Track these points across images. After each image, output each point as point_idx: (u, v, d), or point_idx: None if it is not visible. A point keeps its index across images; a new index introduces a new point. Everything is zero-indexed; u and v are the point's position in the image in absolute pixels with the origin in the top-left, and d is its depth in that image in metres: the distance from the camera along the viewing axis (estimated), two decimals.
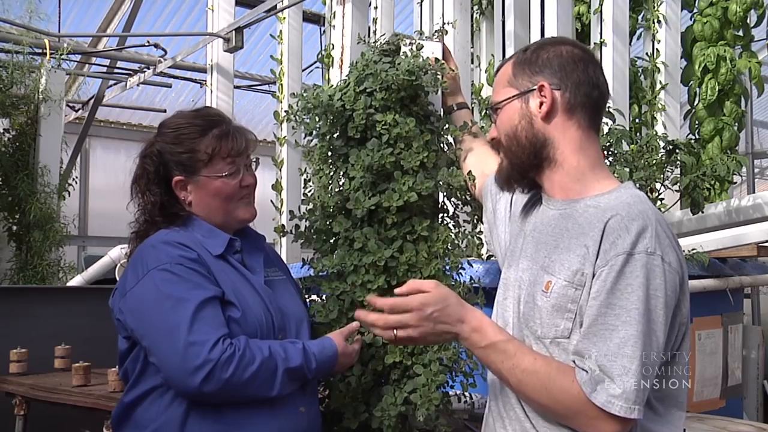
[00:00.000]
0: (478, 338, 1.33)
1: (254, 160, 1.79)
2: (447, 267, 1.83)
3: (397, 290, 1.35)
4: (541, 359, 1.30)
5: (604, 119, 2.87)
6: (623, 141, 2.68)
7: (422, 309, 1.31)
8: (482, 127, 2.04)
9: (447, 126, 1.91)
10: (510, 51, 3.57)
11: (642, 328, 1.21)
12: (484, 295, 1.89)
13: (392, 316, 1.32)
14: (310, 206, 1.91)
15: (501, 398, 1.41)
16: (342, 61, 3.66)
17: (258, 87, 7.50)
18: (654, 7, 4.03)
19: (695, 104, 4.07)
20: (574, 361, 1.26)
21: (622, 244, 1.25)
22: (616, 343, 1.21)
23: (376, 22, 3.81)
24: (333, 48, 3.78)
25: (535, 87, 1.41)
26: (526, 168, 1.45)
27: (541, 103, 1.40)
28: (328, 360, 1.66)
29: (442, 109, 1.96)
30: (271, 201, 3.98)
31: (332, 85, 1.98)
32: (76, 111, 7.03)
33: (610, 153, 2.66)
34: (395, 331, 1.32)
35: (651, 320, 1.22)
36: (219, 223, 1.72)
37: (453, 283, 1.83)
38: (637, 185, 2.67)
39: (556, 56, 1.42)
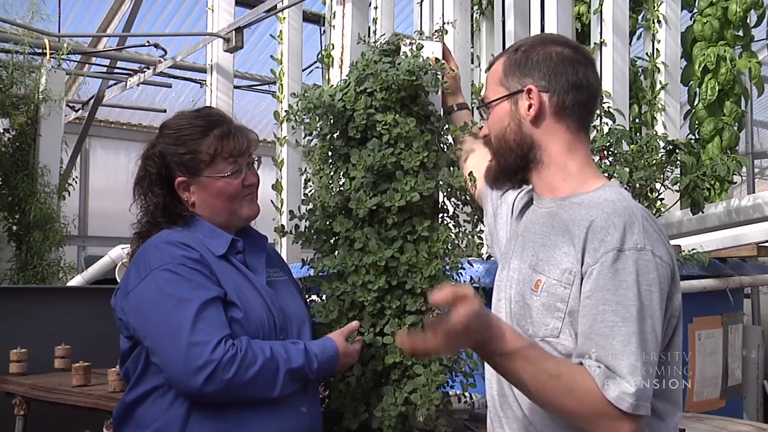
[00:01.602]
0: (500, 346, 1.23)
1: (256, 159, 1.79)
2: (447, 267, 1.83)
3: (437, 297, 1.19)
4: (564, 363, 1.26)
5: (605, 119, 2.89)
6: (623, 141, 2.68)
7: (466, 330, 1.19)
8: (482, 127, 2.04)
9: (447, 126, 1.91)
10: None
11: (641, 325, 1.21)
12: (485, 295, 1.89)
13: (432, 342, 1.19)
14: (311, 206, 1.91)
15: (498, 398, 1.41)
16: (342, 61, 3.66)
17: (258, 87, 7.49)
18: (654, 7, 4.03)
19: (695, 104, 4.07)
20: (581, 363, 1.25)
21: (611, 241, 1.24)
22: (619, 341, 1.21)
23: (376, 22, 3.81)
24: (333, 48, 3.78)
25: (524, 89, 1.41)
26: (512, 169, 1.45)
27: (530, 106, 1.40)
28: (329, 360, 1.66)
29: (442, 110, 1.96)
30: (272, 201, 3.98)
31: (332, 85, 1.98)
32: (76, 111, 7.03)
33: (610, 153, 2.66)
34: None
35: (649, 316, 1.22)
36: (222, 222, 1.72)
37: (453, 283, 1.83)
38: (638, 185, 2.67)
39: (546, 58, 1.41)
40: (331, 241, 1.91)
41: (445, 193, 1.90)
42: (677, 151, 2.90)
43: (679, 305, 1.32)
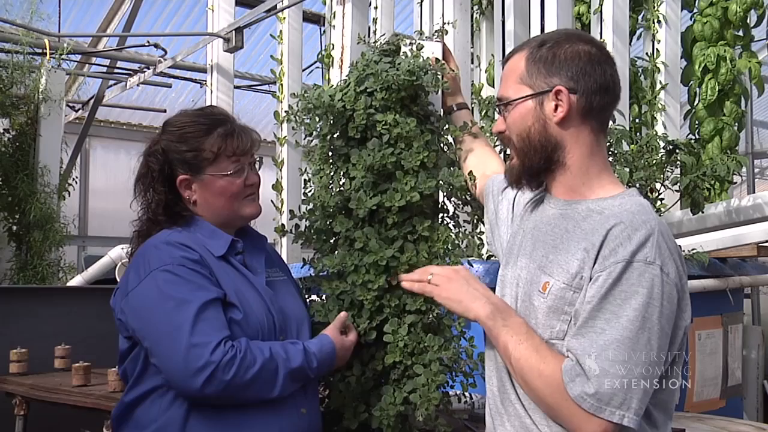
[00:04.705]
0: (499, 313, 1.36)
1: (258, 159, 1.79)
2: None
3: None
4: (547, 345, 1.30)
5: None
6: (623, 141, 2.69)
7: (455, 270, 1.48)
8: (482, 127, 2.04)
9: (447, 126, 1.91)
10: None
11: (630, 335, 1.21)
12: None
13: (429, 267, 1.54)
14: (311, 206, 1.91)
15: (500, 394, 1.41)
16: (342, 61, 3.66)
17: (258, 87, 7.49)
18: (654, 7, 4.04)
19: (695, 104, 4.08)
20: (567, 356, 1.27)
21: (623, 252, 1.24)
22: (600, 344, 1.22)
23: (376, 22, 3.81)
24: (333, 48, 3.79)
25: (551, 90, 1.36)
26: (536, 170, 1.43)
27: (557, 107, 1.36)
28: (327, 356, 1.66)
29: (442, 110, 1.96)
30: (272, 201, 3.98)
31: (332, 85, 1.97)
32: (76, 111, 7.03)
33: (610, 153, 2.67)
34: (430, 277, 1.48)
35: (644, 328, 1.22)
36: (223, 222, 1.72)
37: None
38: (637, 185, 2.67)
39: (574, 56, 1.36)
40: (331, 240, 1.91)
41: (445, 193, 1.90)
42: (677, 151, 2.90)
43: (688, 322, 1.31)
